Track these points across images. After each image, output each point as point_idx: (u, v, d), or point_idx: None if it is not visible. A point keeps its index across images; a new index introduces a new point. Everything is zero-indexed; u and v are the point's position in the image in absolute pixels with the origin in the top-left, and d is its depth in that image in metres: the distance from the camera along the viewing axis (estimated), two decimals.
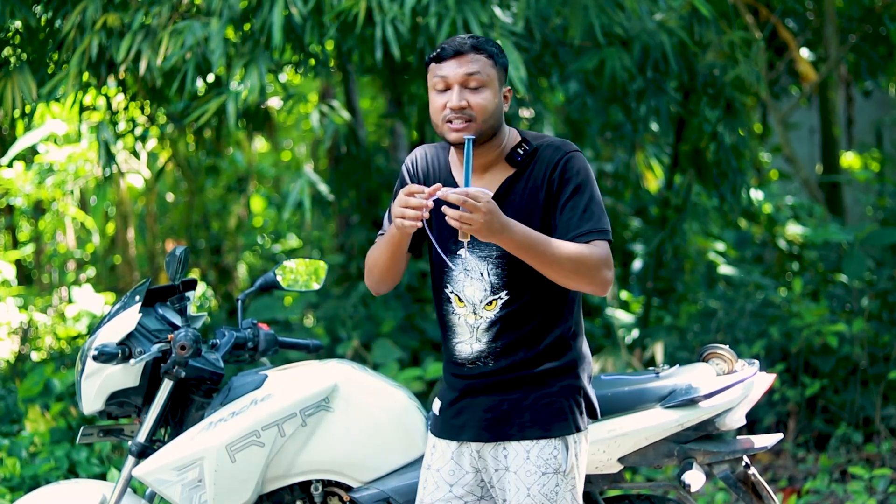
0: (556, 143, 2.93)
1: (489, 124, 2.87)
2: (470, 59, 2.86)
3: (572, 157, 2.90)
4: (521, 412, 2.93)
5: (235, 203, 9.58)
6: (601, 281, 2.84)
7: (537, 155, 2.92)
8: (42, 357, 7.17)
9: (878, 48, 8.37)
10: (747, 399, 3.27)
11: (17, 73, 5.22)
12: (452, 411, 3.01)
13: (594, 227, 2.86)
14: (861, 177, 9.79)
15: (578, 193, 2.88)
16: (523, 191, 2.90)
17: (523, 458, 2.92)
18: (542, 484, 2.91)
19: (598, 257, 2.83)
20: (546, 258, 2.79)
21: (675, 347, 6.57)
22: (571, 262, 2.80)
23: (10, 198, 8.13)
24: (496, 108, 2.89)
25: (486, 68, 2.87)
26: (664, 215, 7.04)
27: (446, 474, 3.01)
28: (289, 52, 5.68)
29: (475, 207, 2.67)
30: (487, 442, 2.96)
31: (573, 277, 2.83)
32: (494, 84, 2.89)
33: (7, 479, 4.98)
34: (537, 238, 2.79)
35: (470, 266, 2.94)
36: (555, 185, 2.88)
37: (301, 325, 7.14)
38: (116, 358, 3.20)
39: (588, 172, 2.90)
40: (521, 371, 2.93)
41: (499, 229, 2.72)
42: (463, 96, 2.85)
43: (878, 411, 5.96)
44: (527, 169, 2.91)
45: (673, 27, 5.69)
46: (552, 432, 2.91)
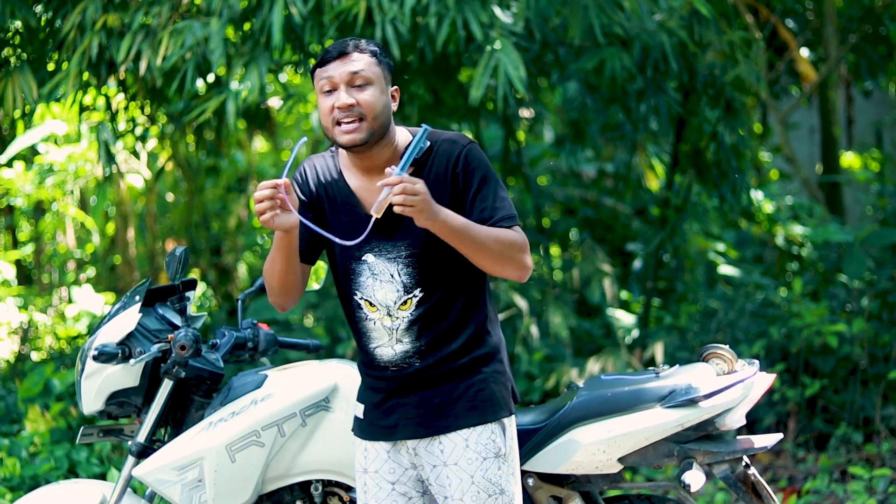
0: (452, 137, 2.95)
1: (379, 122, 2.89)
2: (353, 58, 2.89)
3: (471, 150, 2.93)
4: (453, 403, 2.95)
5: (235, 203, 9.57)
6: (523, 265, 2.92)
7: (434, 150, 2.93)
8: (42, 357, 7.17)
9: (878, 48, 8.37)
10: (747, 399, 3.27)
11: (17, 72, 5.22)
12: (380, 413, 3.00)
13: (508, 214, 2.91)
14: (861, 177, 9.79)
15: (485, 184, 2.92)
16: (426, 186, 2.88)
17: (462, 448, 2.94)
18: (485, 469, 2.93)
19: (520, 240, 2.90)
20: (476, 241, 2.84)
21: (675, 347, 6.57)
22: (498, 245, 2.86)
23: (10, 198, 8.13)
24: (384, 105, 2.91)
25: (370, 66, 2.90)
26: (664, 215, 7.04)
27: (386, 473, 3.01)
28: (289, 52, 5.68)
29: (415, 190, 2.72)
30: (423, 437, 2.96)
31: (499, 261, 2.88)
32: (380, 82, 2.91)
33: (7, 479, 4.98)
34: (466, 222, 2.84)
35: (378, 269, 2.94)
36: (460, 179, 2.91)
37: (301, 325, 7.14)
38: (116, 358, 3.20)
39: (488, 163, 2.95)
40: (448, 364, 2.95)
41: (435, 211, 2.77)
42: (351, 94, 2.88)
43: (878, 411, 5.96)
44: (426, 165, 2.92)
45: (673, 27, 5.69)
46: (488, 417, 2.95)
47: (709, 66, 6.17)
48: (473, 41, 5.27)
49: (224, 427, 3.21)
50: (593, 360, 6.36)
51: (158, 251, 8.74)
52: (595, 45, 5.64)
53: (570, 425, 3.19)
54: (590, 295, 7.17)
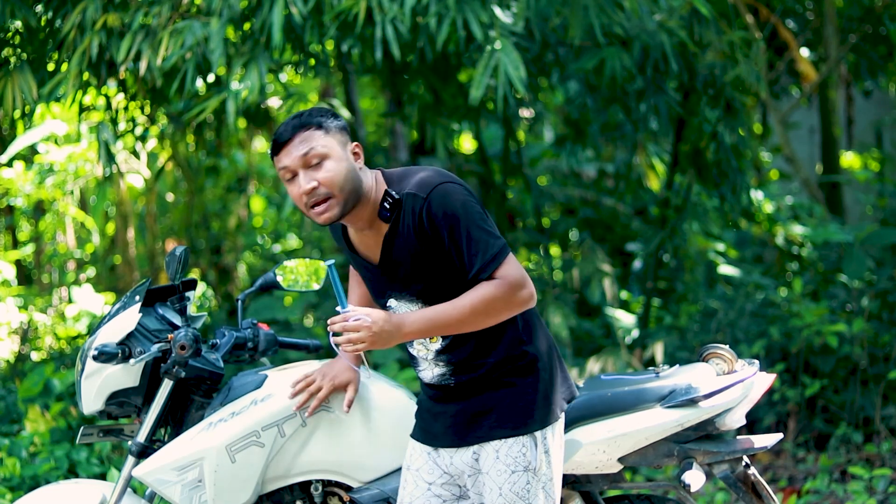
0: (413, 190, 2.87)
1: (347, 191, 2.86)
2: (300, 140, 2.85)
3: (432, 201, 2.84)
4: (487, 414, 2.96)
5: (235, 203, 9.57)
6: (520, 303, 2.87)
7: (402, 206, 2.88)
8: (42, 357, 7.17)
9: (878, 48, 8.36)
10: (747, 399, 3.27)
11: (17, 72, 5.22)
12: (428, 418, 3.07)
13: (484, 261, 2.83)
14: (861, 177, 9.79)
15: (455, 233, 2.84)
16: (404, 245, 2.90)
17: (493, 458, 2.95)
18: (512, 482, 2.93)
19: (503, 289, 2.83)
20: (453, 325, 2.85)
21: (675, 347, 6.56)
22: (479, 313, 2.84)
23: (10, 198, 8.12)
24: (347, 172, 2.86)
25: (320, 140, 2.85)
26: (664, 215, 7.04)
27: (425, 473, 3.05)
28: (289, 51, 5.67)
29: (357, 328, 2.75)
30: (459, 447, 3.00)
31: (491, 320, 2.87)
32: (335, 150, 2.86)
33: (7, 479, 4.98)
34: (433, 316, 2.83)
35: (402, 311, 2.98)
36: (429, 234, 2.86)
37: (301, 325, 7.13)
38: (116, 358, 3.20)
39: (454, 204, 2.84)
40: (484, 378, 2.97)
41: (393, 332, 2.80)
42: (309, 177, 2.84)
43: (878, 411, 5.96)
44: (399, 223, 2.89)
45: (673, 27, 5.69)
46: (519, 430, 2.94)
47: (709, 66, 6.16)
48: (473, 41, 5.27)
49: (224, 427, 3.21)
50: (593, 360, 6.36)
51: (158, 251, 8.74)
52: (595, 45, 5.64)
53: (570, 425, 3.18)
54: (590, 295, 7.17)
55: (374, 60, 5.78)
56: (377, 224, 2.94)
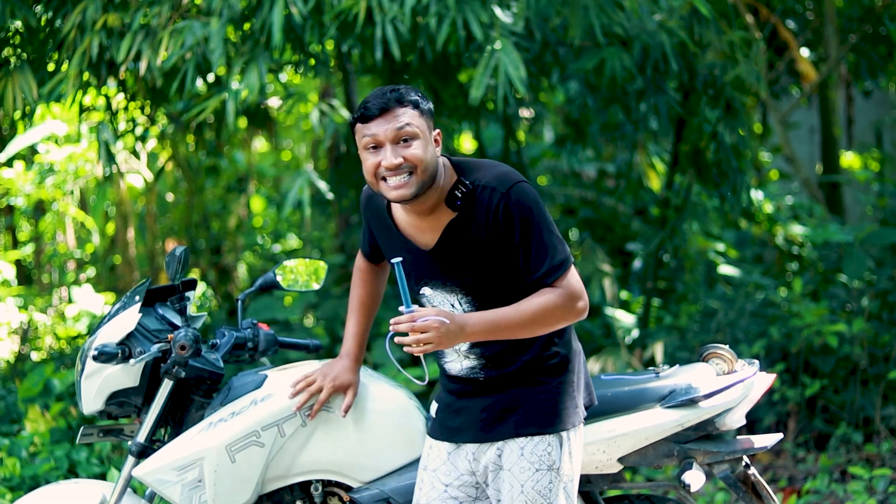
0: (491, 184, 2.87)
1: (428, 173, 2.86)
2: (397, 114, 2.84)
3: (510, 197, 2.85)
4: (515, 411, 2.96)
5: (235, 203, 9.57)
6: (576, 314, 2.91)
7: (476, 197, 2.88)
8: (42, 357, 7.16)
9: (878, 48, 8.36)
10: (747, 399, 3.27)
11: (17, 72, 5.22)
12: (449, 414, 3.05)
13: (550, 266, 2.85)
14: (861, 177, 9.79)
15: (525, 234, 2.86)
16: (468, 235, 2.90)
17: (517, 456, 2.94)
18: (535, 480, 2.93)
19: (563, 298, 2.86)
20: (513, 329, 2.85)
21: (675, 347, 6.56)
22: (538, 321, 2.85)
23: (10, 198, 8.12)
24: (431, 156, 2.87)
25: (415, 119, 2.85)
26: (664, 215, 7.04)
27: (442, 475, 3.04)
28: (289, 51, 5.67)
29: (425, 328, 2.74)
30: (483, 442, 2.99)
31: (548, 328, 2.89)
32: (425, 133, 2.87)
33: (7, 479, 4.98)
34: (495, 319, 2.83)
35: (437, 301, 2.98)
36: (501, 229, 2.86)
37: (301, 325, 7.13)
38: (116, 358, 3.20)
39: (529, 205, 2.86)
40: (513, 375, 2.97)
41: (457, 333, 2.79)
42: (397, 153, 2.84)
43: (878, 411, 5.96)
44: (468, 212, 2.89)
45: (673, 27, 5.69)
46: (546, 429, 2.94)
47: (709, 66, 6.16)
48: (473, 41, 5.27)
49: (224, 427, 3.21)
50: (593, 360, 6.36)
51: (158, 251, 8.74)
52: (595, 45, 5.64)
53: None
54: (590, 295, 7.16)
55: (374, 60, 5.79)
56: (440, 210, 2.92)
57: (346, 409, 3.22)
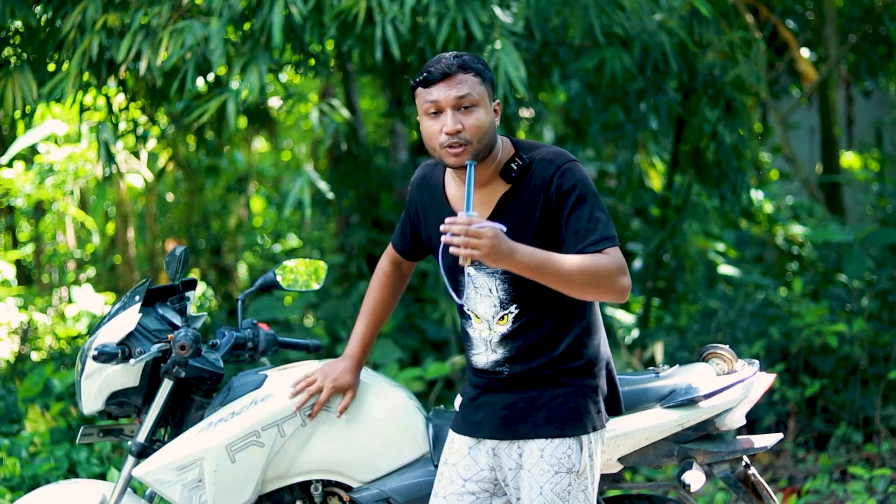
0: (549, 157, 2.89)
1: (485, 142, 2.86)
2: (459, 81, 2.83)
3: (567, 170, 2.86)
4: (536, 410, 2.95)
5: (235, 203, 9.57)
6: (619, 288, 2.83)
7: (532, 169, 2.89)
8: (42, 357, 7.17)
9: (878, 48, 8.36)
10: (747, 399, 3.27)
11: (17, 72, 5.22)
12: (472, 408, 3.05)
13: (601, 236, 2.83)
14: (861, 177, 9.79)
15: (580, 205, 2.85)
16: (520, 207, 2.89)
17: (537, 457, 2.94)
18: (554, 483, 2.92)
19: (612, 265, 2.81)
20: (559, 275, 2.78)
21: (675, 347, 6.57)
22: (584, 275, 2.78)
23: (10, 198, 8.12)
24: (490, 125, 2.87)
25: (476, 87, 2.85)
26: (664, 215, 7.04)
27: (462, 469, 3.04)
28: (289, 51, 5.67)
29: (479, 234, 2.67)
30: (503, 439, 2.98)
31: (589, 290, 2.81)
32: (486, 101, 2.87)
33: (7, 479, 4.98)
34: (546, 257, 2.77)
35: (478, 283, 2.96)
36: (553, 201, 2.86)
37: (301, 325, 7.13)
38: (116, 358, 3.20)
39: (586, 181, 2.87)
40: (537, 373, 2.96)
41: (507, 253, 2.71)
42: (457, 119, 2.83)
43: (878, 411, 5.96)
44: (522, 184, 2.90)
45: (673, 27, 5.69)
46: (567, 431, 2.93)
47: (709, 66, 6.17)
48: (473, 41, 5.28)
49: (224, 427, 3.21)
50: None
51: (158, 251, 8.74)
52: (595, 45, 5.64)
53: None
54: None
55: (374, 60, 5.78)
56: (494, 183, 2.91)
57: (342, 409, 3.22)
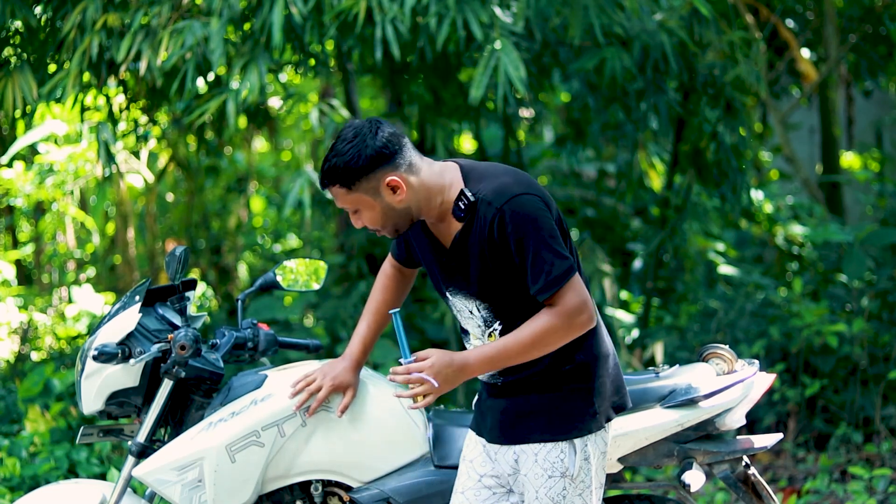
0: (489, 197, 2.85)
1: (392, 221, 2.91)
2: (333, 194, 2.91)
3: (504, 213, 2.82)
4: (529, 415, 2.96)
5: (235, 203, 9.57)
6: (579, 329, 2.88)
7: (476, 209, 2.87)
8: (42, 357, 7.16)
9: (878, 48, 8.36)
10: (747, 399, 3.27)
11: (17, 72, 5.22)
12: (481, 410, 3.10)
13: (545, 283, 2.83)
14: (861, 177, 9.78)
15: (522, 249, 2.83)
16: (475, 244, 2.90)
17: (532, 461, 2.95)
18: (548, 487, 2.93)
19: (560, 317, 2.84)
20: (517, 359, 2.87)
21: (675, 347, 6.56)
22: (539, 344, 2.85)
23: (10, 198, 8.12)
24: (386, 212, 2.89)
25: (345, 197, 2.89)
26: (664, 215, 7.04)
27: (478, 465, 3.07)
28: (289, 51, 5.67)
29: (420, 380, 2.77)
30: (501, 444, 3.01)
31: (553, 346, 2.88)
32: (364, 201, 2.88)
33: (7, 479, 4.98)
34: (497, 352, 2.85)
35: (459, 307, 3.01)
36: (498, 245, 2.86)
37: (301, 325, 7.13)
38: (116, 358, 3.20)
39: (526, 220, 2.82)
40: (530, 381, 2.96)
41: (457, 375, 2.82)
42: (355, 219, 2.93)
43: (878, 411, 5.96)
44: (472, 223, 2.89)
45: (673, 27, 5.69)
46: (558, 436, 2.93)
47: (709, 66, 6.16)
48: (473, 41, 5.28)
49: (224, 427, 3.21)
50: None
51: (158, 251, 8.73)
52: (595, 45, 5.64)
53: None
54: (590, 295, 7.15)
55: (374, 60, 5.78)
56: (449, 218, 2.93)
57: (342, 409, 3.22)
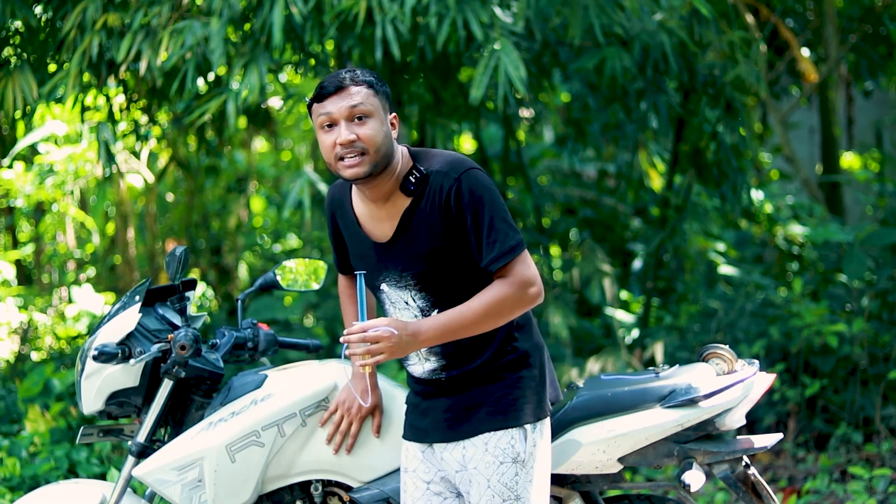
0: (444, 169, 2.89)
1: (381, 153, 2.88)
2: (351, 92, 2.87)
3: (461, 182, 2.86)
4: (477, 408, 2.97)
5: (235, 203, 9.57)
6: (530, 301, 2.91)
7: (429, 182, 2.89)
8: (42, 357, 7.16)
9: (878, 48, 8.36)
10: (747, 399, 3.27)
11: (17, 72, 5.22)
12: (417, 414, 3.07)
13: (501, 251, 2.85)
14: (861, 177, 9.78)
15: (479, 217, 2.86)
16: (423, 220, 2.90)
17: (482, 451, 2.96)
18: (500, 473, 2.94)
19: (513, 287, 2.87)
20: (469, 328, 2.87)
21: (675, 347, 6.57)
22: (492, 313, 2.86)
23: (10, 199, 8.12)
24: (385, 136, 2.89)
25: (369, 98, 2.87)
26: (664, 215, 7.04)
27: (421, 473, 3.07)
28: (289, 51, 5.67)
29: (376, 338, 2.76)
30: (449, 442, 3.00)
31: (504, 318, 2.89)
32: (379, 113, 2.89)
33: (7, 479, 4.98)
34: (448, 321, 2.85)
35: (393, 298, 3.00)
36: (454, 214, 2.87)
37: (301, 325, 7.13)
38: (116, 358, 3.20)
39: (483, 189, 2.87)
40: (474, 373, 2.98)
41: (410, 342, 2.82)
42: (351, 130, 2.86)
43: (878, 411, 5.96)
44: (422, 198, 2.90)
45: (673, 27, 5.69)
46: (509, 422, 2.95)
47: (709, 66, 6.16)
48: (474, 41, 5.28)
49: (224, 427, 3.21)
50: (593, 360, 6.36)
51: (158, 251, 8.74)
52: (595, 45, 5.64)
53: (569, 425, 3.18)
54: (590, 295, 7.17)
55: (375, 60, 5.78)
56: (395, 197, 2.93)
57: (377, 428, 3.24)
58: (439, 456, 3.03)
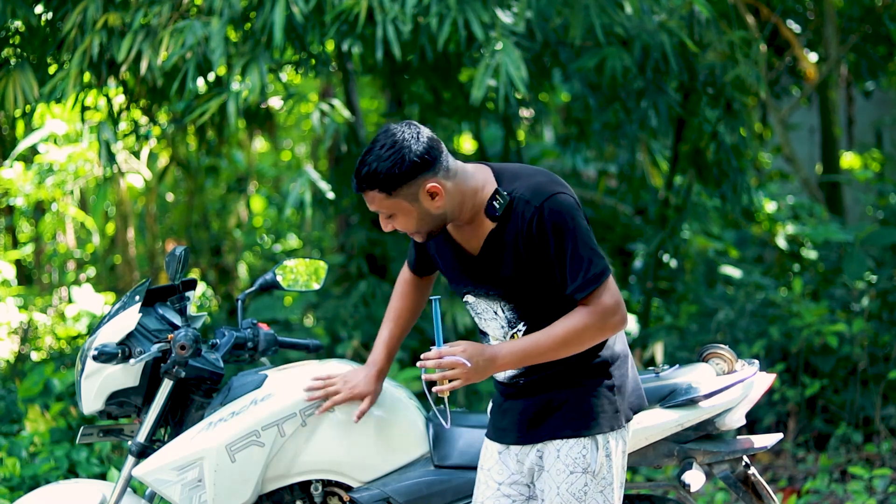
0: (526, 196, 2.85)
1: (428, 227, 2.89)
2: (368, 198, 2.86)
3: (543, 211, 2.82)
4: (552, 412, 2.96)
5: (235, 203, 9.57)
6: (611, 330, 2.88)
7: (513, 208, 2.86)
8: (42, 357, 7.16)
9: (878, 48, 8.36)
10: (747, 399, 3.27)
11: (18, 72, 5.22)
12: (499, 414, 3.07)
13: (583, 280, 2.83)
14: (861, 177, 9.78)
15: (560, 247, 2.83)
16: (509, 243, 2.89)
17: (554, 457, 2.96)
18: (570, 483, 2.93)
19: (595, 316, 2.84)
20: (547, 355, 2.86)
21: (675, 347, 6.57)
22: (572, 340, 2.85)
23: (10, 198, 8.12)
24: (421, 217, 2.87)
25: (384, 202, 2.84)
26: (664, 215, 7.04)
27: (495, 473, 3.06)
28: (289, 51, 5.67)
29: (452, 365, 2.77)
30: (525, 444, 3.00)
31: (584, 345, 2.88)
32: (402, 206, 2.85)
33: (7, 479, 4.98)
34: (528, 347, 2.85)
35: (479, 308, 2.99)
36: (536, 243, 2.85)
37: (301, 325, 7.13)
38: (116, 358, 3.20)
39: (563, 219, 2.82)
40: (553, 379, 2.97)
41: (487, 365, 2.82)
42: (386, 224, 2.89)
43: (878, 411, 5.96)
44: (507, 222, 2.88)
45: (673, 27, 5.69)
46: (581, 432, 2.94)
47: (709, 66, 6.16)
48: (474, 41, 5.28)
49: (224, 427, 3.21)
50: None
51: (158, 251, 8.74)
52: (596, 45, 5.64)
53: None
54: None
55: (375, 60, 5.79)
56: (480, 219, 2.91)
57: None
58: (514, 458, 3.03)
